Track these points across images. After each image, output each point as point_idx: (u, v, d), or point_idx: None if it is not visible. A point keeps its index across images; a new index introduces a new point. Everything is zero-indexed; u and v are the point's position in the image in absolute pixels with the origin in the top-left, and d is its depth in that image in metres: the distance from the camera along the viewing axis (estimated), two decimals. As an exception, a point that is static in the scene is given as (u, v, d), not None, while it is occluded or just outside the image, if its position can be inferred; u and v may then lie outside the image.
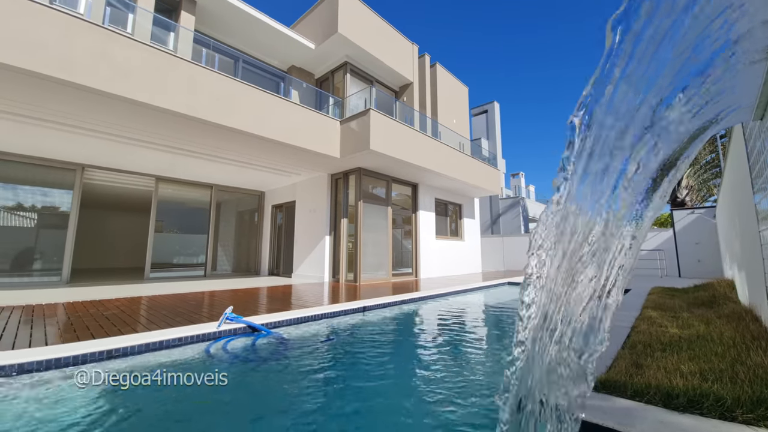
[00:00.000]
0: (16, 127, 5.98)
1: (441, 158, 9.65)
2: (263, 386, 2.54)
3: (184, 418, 1.98)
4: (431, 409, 2.12)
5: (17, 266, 7.50)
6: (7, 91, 4.69)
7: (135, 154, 7.61)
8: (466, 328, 4.51)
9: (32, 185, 7.76)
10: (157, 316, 4.11)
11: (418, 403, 2.22)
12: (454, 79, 13.31)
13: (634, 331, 3.12)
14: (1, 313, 4.14)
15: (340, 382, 2.62)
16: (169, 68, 5.42)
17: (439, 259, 11.11)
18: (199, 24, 8.27)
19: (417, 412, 2.11)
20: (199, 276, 10.19)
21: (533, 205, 24.47)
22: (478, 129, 24.44)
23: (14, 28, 4.14)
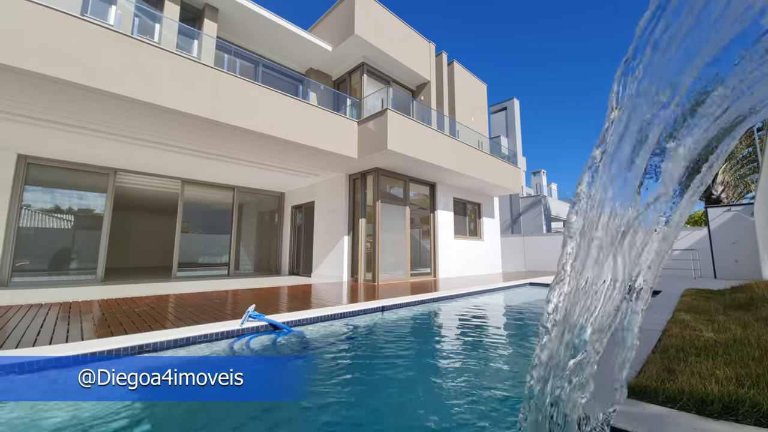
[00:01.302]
0: (54, 134, 6.35)
1: (459, 157, 9.54)
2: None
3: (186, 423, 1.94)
4: (455, 415, 2.09)
5: (55, 265, 7.96)
6: (45, 100, 4.99)
7: (162, 158, 7.93)
8: (488, 330, 4.45)
9: (69, 189, 8.22)
10: (184, 313, 4.27)
11: (441, 408, 2.20)
12: (472, 77, 13.13)
13: (666, 334, 2.98)
14: (39, 310, 4.41)
15: (360, 379, 2.64)
16: (194, 75, 5.61)
17: (457, 259, 10.99)
18: (221, 31, 8.51)
19: (438, 414, 2.10)
20: (222, 275, 10.50)
21: (556, 204, 23.82)
22: (498, 127, 24.01)
23: (52, 40, 4.40)
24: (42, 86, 4.57)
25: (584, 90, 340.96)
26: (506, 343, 3.92)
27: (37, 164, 7.71)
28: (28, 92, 4.76)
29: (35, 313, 4.17)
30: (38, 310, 4.32)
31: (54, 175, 7.99)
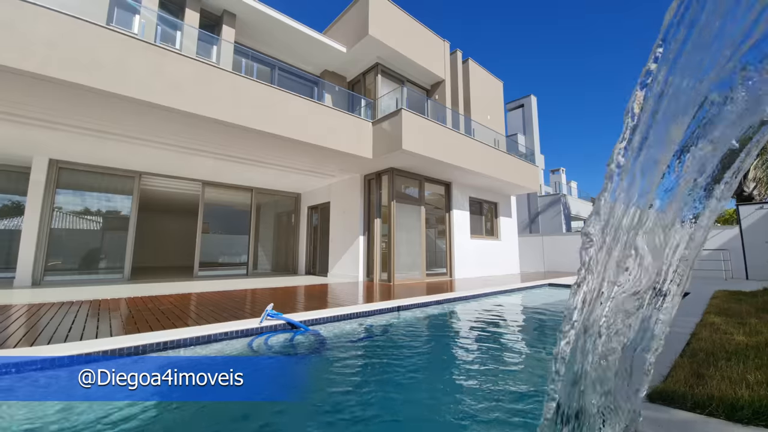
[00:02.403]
0: (83, 140, 6.65)
1: (475, 156, 9.44)
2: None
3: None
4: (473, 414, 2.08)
5: (85, 265, 8.35)
6: (76, 107, 5.24)
7: (184, 161, 8.18)
8: (507, 331, 4.38)
9: (97, 191, 8.60)
10: (206, 312, 4.39)
11: (462, 412, 2.19)
12: (487, 74, 12.96)
13: (695, 338, 2.86)
14: (70, 307, 4.63)
15: (377, 378, 2.65)
16: (215, 80, 5.77)
17: (474, 259, 10.87)
18: (239, 36, 8.71)
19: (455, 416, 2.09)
20: (241, 274, 10.74)
21: (576, 203, 23.21)
22: (514, 124, 23.59)
23: (83, 51, 4.61)
24: (73, 94, 4.80)
25: (605, 82, 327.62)
26: (527, 345, 3.85)
27: (67, 168, 8.10)
28: (62, 100, 5.00)
29: (66, 310, 4.38)
30: (69, 308, 4.54)
31: (83, 179, 8.37)
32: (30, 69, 4.23)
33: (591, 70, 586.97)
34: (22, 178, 8.19)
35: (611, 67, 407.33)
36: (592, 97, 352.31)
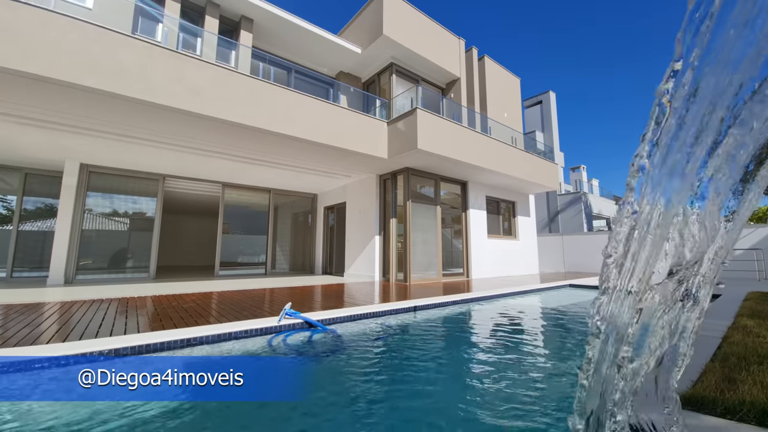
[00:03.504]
0: (111, 144, 6.95)
1: (491, 154, 9.31)
2: (314, 380, 2.66)
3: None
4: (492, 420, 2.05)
5: (114, 264, 8.72)
6: (101, 112, 5.48)
7: (205, 163, 8.43)
8: (527, 333, 4.30)
9: (124, 194, 8.97)
10: (227, 310, 4.51)
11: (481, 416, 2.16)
12: (504, 71, 12.75)
13: (726, 342, 2.74)
14: (101, 305, 4.84)
15: (395, 378, 2.65)
16: (233, 84, 5.92)
17: (491, 259, 10.72)
18: (256, 40, 8.90)
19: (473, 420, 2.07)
20: (260, 274, 10.97)
21: (597, 201, 22.55)
22: (532, 121, 23.13)
23: (112, 59, 4.82)
24: (101, 101, 5.02)
25: (628, 74, 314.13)
26: (548, 348, 3.77)
27: (97, 172, 8.48)
28: (90, 107, 5.25)
29: (97, 307, 4.60)
30: (99, 305, 4.76)
31: (111, 182, 8.75)
32: (59, 77, 4.45)
33: (618, 61, 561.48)
34: (54, 181, 8.64)
35: (642, 55, 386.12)
36: (618, 92, 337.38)
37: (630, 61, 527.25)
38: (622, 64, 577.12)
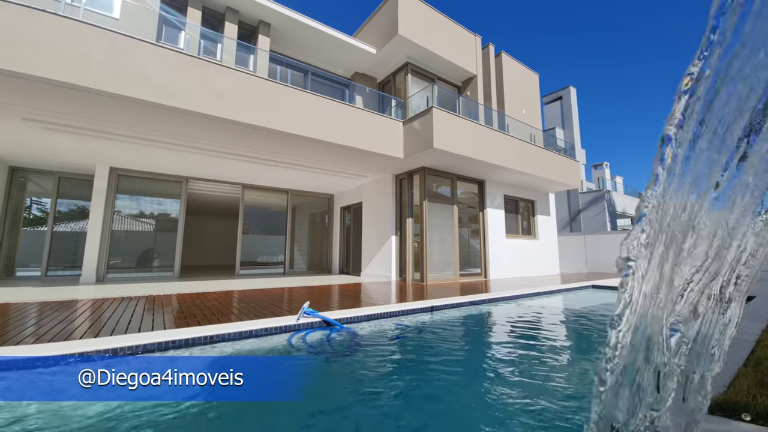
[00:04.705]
0: (138, 149, 7.25)
1: (509, 152, 9.14)
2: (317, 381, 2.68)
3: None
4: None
5: (141, 263, 9.09)
6: (128, 118, 5.72)
7: (225, 165, 8.66)
8: (548, 335, 4.21)
9: (150, 196, 9.33)
10: (247, 308, 4.63)
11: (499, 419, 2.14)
12: (522, 67, 12.50)
13: (760, 345, 2.60)
14: (129, 302, 5.06)
15: (413, 377, 2.66)
16: (252, 88, 6.06)
17: (510, 259, 10.53)
18: (273, 44, 9.07)
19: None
20: (279, 273, 11.18)
21: (622, 199, 21.78)
22: (552, 118, 22.57)
23: (139, 67, 5.03)
24: (128, 107, 5.25)
25: (655, 64, 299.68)
26: (572, 352, 3.68)
27: (125, 175, 8.86)
28: (118, 113, 5.49)
29: (126, 305, 4.80)
30: (128, 302, 4.97)
31: (138, 185, 9.12)
32: (89, 85, 4.68)
33: (642, 52, 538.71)
34: (85, 184, 9.09)
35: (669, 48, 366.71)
36: (643, 91, 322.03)
37: (656, 58, 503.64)
38: (649, 62, 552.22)
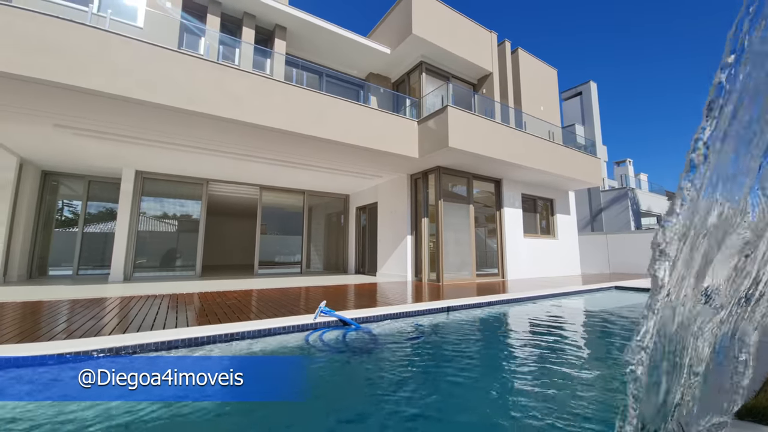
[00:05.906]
0: (163, 153, 7.51)
1: (526, 150, 8.97)
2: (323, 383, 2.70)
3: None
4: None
5: (165, 263, 9.43)
6: (151, 122, 5.94)
7: (244, 167, 8.87)
8: (569, 338, 4.11)
9: (173, 198, 9.66)
10: (266, 307, 4.73)
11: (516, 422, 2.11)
12: (539, 63, 12.24)
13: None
14: (154, 300, 5.25)
15: (429, 377, 2.65)
16: (269, 91, 6.18)
17: (528, 260, 10.33)
18: (289, 47, 9.21)
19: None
20: (296, 273, 11.35)
21: (646, 197, 20.97)
22: (572, 114, 21.99)
23: (164, 74, 5.22)
24: (152, 112, 5.45)
25: (680, 57, 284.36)
26: (594, 356, 3.59)
27: (150, 178, 9.20)
28: (143, 119, 5.71)
29: (151, 302, 4.99)
30: (153, 300, 5.17)
31: (162, 187, 9.46)
32: (115, 92, 4.88)
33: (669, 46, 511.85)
34: (113, 187, 9.49)
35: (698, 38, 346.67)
36: (670, 88, 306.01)
37: (684, 55, 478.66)
38: (672, 59, 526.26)
